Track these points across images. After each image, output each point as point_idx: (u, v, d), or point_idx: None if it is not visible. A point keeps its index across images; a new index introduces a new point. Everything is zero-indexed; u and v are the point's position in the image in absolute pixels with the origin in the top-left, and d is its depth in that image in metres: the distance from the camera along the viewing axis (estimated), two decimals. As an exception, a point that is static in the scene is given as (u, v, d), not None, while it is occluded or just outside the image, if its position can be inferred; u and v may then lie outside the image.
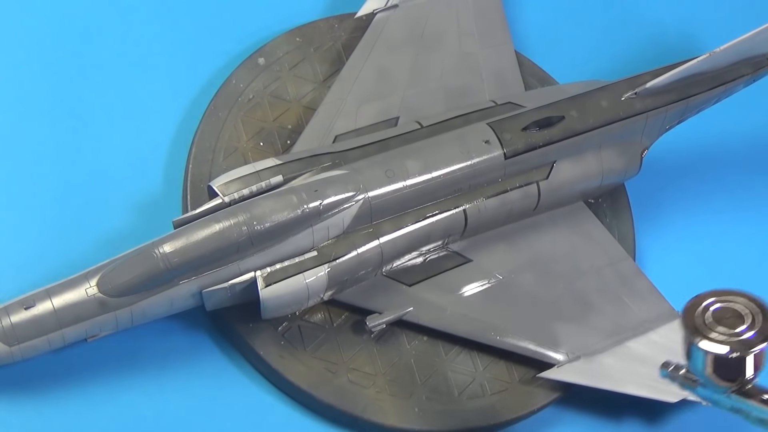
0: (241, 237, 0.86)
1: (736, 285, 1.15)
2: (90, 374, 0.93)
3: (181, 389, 0.95)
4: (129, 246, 0.90)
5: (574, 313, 1.00)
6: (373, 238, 0.94)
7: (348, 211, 0.92)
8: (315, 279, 0.90)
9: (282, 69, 1.11)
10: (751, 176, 1.26)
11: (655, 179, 1.21)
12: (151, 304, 0.87)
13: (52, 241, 0.99)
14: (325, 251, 0.91)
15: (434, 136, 1.00)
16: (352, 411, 0.95)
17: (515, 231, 1.04)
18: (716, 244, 1.19)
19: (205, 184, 0.97)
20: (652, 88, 1.06)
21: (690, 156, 1.26)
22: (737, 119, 1.29)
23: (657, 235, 1.18)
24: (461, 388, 0.98)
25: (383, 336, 0.97)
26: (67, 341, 0.87)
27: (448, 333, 0.98)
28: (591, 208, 1.12)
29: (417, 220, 0.97)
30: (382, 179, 0.94)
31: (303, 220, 0.89)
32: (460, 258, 1.00)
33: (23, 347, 0.85)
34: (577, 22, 1.29)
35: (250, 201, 0.89)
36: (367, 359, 0.97)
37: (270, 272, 0.89)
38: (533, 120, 1.01)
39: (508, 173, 1.00)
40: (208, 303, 0.90)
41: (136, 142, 1.07)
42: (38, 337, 0.85)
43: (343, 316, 0.98)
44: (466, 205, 0.99)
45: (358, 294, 0.96)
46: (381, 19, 1.11)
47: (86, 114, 1.08)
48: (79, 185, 1.04)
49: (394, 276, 0.97)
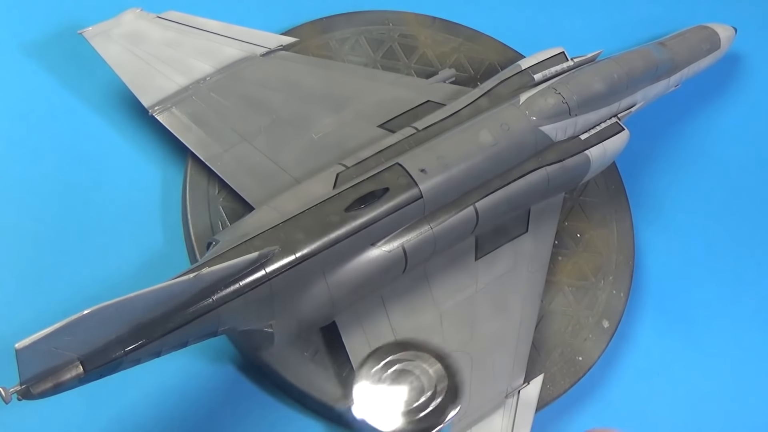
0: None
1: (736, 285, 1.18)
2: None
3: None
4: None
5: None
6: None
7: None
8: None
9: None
10: (751, 176, 1.26)
11: (655, 179, 1.21)
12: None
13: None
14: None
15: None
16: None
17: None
18: (716, 244, 1.19)
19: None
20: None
21: (690, 156, 1.26)
22: (737, 119, 1.30)
23: (657, 235, 1.18)
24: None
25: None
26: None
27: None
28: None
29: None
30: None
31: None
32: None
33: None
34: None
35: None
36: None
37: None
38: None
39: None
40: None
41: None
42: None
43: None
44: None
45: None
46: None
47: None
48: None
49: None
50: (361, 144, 1.01)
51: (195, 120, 1.04)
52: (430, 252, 0.96)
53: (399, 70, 1.19)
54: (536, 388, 0.97)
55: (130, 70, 1.06)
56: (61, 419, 0.91)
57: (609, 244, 1.12)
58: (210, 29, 1.11)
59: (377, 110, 1.06)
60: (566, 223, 1.12)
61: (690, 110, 1.30)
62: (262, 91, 1.07)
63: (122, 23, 1.10)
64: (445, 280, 0.98)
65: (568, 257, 1.10)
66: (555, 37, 1.27)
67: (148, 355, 0.79)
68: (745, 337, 1.14)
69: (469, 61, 1.22)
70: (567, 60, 1.08)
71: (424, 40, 1.23)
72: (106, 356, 0.76)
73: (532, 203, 1.03)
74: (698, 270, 1.16)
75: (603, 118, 1.06)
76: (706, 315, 1.14)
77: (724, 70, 1.32)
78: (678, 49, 1.15)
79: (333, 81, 1.10)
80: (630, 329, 1.10)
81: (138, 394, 0.94)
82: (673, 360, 1.10)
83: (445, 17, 1.25)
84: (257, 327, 0.88)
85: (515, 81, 1.05)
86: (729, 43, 1.23)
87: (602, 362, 1.05)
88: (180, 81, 1.06)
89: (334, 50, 1.18)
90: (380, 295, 0.95)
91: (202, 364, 0.97)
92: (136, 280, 0.94)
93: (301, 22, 1.20)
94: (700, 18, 1.24)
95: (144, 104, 1.04)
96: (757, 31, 1.37)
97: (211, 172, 1.02)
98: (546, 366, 1.02)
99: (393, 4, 1.25)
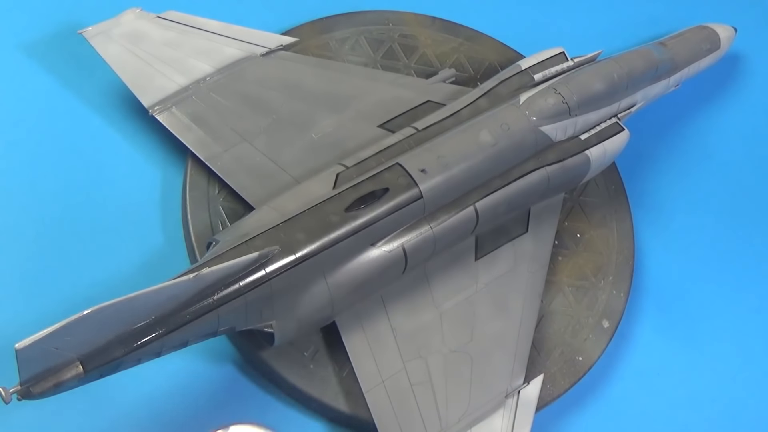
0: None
1: (736, 285, 1.18)
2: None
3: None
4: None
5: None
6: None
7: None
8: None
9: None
10: (752, 176, 1.26)
11: (655, 179, 1.21)
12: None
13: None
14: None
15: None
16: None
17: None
18: (716, 243, 1.19)
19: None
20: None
21: (690, 156, 1.26)
22: (737, 119, 1.30)
23: (657, 235, 1.18)
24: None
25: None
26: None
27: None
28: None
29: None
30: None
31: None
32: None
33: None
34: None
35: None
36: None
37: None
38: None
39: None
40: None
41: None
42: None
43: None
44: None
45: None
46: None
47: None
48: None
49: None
50: (361, 144, 1.01)
51: (195, 120, 1.04)
52: (430, 252, 0.95)
53: (399, 70, 1.18)
54: (536, 388, 0.97)
55: (130, 70, 1.06)
56: (61, 419, 0.91)
57: (609, 244, 1.12)
58: (210, 29, 1.11)
59: (377, 110, 1.06)
60: (566, 223, 1.12)
61: (690, 110, 1.30)
62: (262, 91, 1.07)
63: (122, 23, 1.10)
64: (445, 280, 0.98)
65: (568, 257, 1.10)
66: (555, 37, 1.27)
67: (148, 355, 0.79)
68: (745, 337, 1.14)
69: (469, 61, 1.22)
70: (567, 60, 1.08)
71: (424, 40, 1.23)
72: (106, 356, 0.76)
73: (532, 203, 1.03)
74: (698, 270, 1.16)
75: (603, 118, 1.06)
76: (706, 315, 1.14)
77: (724, 70, 1.32)
78: (678, 49, 1.14)
79: (333, 81, 1.10)
80: (630, 329, 1.10)
81: (138, 394, 0.94)
82: (673, 360, 1.10)
83: (445, 17, 1.25)
84: (257, 327, 0.88)
85: (515, 81, 1.05)
86: (729, 43, 1.23)
87: (602, 362, 1.05)
88: (180, 81, 1.06)
89: (334, 50, 1.18)
90: (380, 295, 0.95)
91: (202, 364, 0.97)
92: (136, 280, 0.94)
93: (301, 22, 1.19)
94: (700, 18, 1.24)
95: (144, 104, 1.04)
96: (757, 31, 1.37)
97: (211, 172, 1.02)
98: (546, 366, 1.02)
99: (393, 4, 1.25)
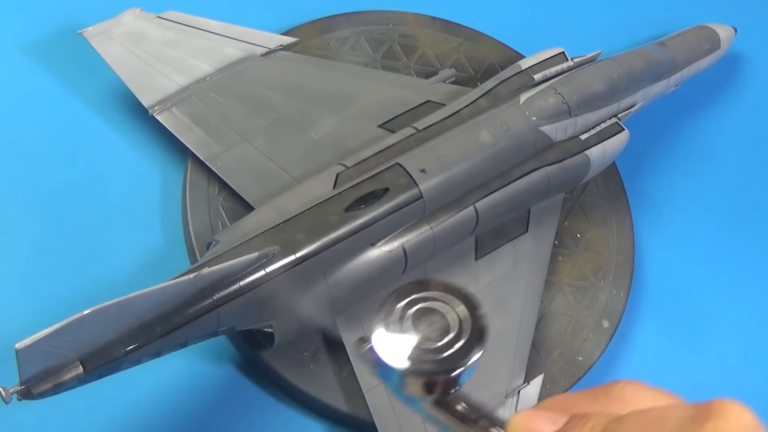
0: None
1: (736, 285, 1.18)
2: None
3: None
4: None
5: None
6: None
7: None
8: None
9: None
10: (751, 176, 1.26)
11: (655, 179, 1.21)
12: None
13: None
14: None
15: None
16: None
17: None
18: (716, 243, 1.19)
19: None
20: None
21: (690, 156, 1.26)
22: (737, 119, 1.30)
23: (657, 235, 1.18)
24: None
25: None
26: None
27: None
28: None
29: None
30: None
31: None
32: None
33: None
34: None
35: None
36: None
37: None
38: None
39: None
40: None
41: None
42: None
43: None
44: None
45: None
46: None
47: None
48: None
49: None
50: (361, 144, 1.01)
51: (195, 120, 1.04)
52: (430, 252, 0.95)
53: (399, 70, 1.19)
54: (536, 388, 0.97)
55: (130, 70, 1.06)
56: (61, 419, 0.91)
57: (609, 244, 1.12)
58: (210, 29, 1.11)
59: (377, 110, 1.06)
60: (566, 223, 1.12)
61: (690, 110, 1.30)
62: (262, 91, 1.07)
63: (122, 23, 1.10)
64: (445, 280, 0.98)
65: (568, 257, 1.10)
66: (555, 37, 1.26)
67: (148, 355, 0.79)
68: (745, 338, 1.14)
69: (469, 61, 1.22)
70: (567, 60, 1.08)
71: (424, 40, 1.23)
72: (106, 356, 0.76)
73: (532, 203, 1.03)
74: (698, 270, 1.16)
75: (603, 118, 1.06)
76: (706, 315, 1.14)
77: (724, 70, 1.32)
78: (678, 49, 1.14)
79: (333, 81, 1.10)
80: (630, 329, 1.10)
81: (138, 394, 0.94)
82: (673, 360, 1.10)
83: (445, 17, 1.25)
84: (257, 327, 0.88)
85: (515, 81, 1.05)
86: (729, 43, 1.23)
87: (602, 362, 1.05)
88: (180, 81, 1.06)
89: (334, 50, 1.18)
90: (380, 295, 0.95)
91: (202, 364, 0.97)
92: (136, 280, 0.94)
93: (301, 22, 1.20)
94: (700, 18, 1.24)
95: (144, 104, 1.04)
96: (757, 31, 1.37)
97: (211, 172, 1.02)
98: (546, 366, 1.02)
99: (393, 4, 1.25)
